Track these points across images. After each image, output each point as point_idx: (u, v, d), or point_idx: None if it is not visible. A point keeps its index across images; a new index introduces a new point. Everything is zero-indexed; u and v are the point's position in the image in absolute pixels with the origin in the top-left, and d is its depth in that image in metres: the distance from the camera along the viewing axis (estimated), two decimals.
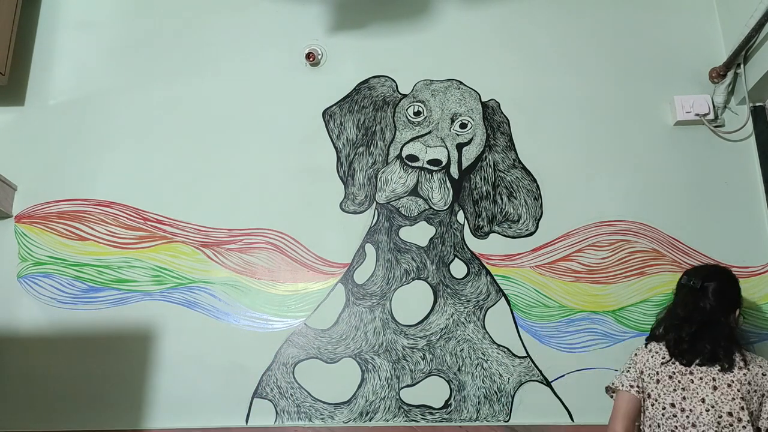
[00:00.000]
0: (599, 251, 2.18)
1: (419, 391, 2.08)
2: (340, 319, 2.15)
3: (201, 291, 2.20)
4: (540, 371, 2.07)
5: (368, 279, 2.19)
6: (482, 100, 2.37)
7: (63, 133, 2.41)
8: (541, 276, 2.16)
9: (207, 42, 2.49)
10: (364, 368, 2.10)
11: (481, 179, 2.28)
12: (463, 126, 2.34)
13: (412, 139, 2.32)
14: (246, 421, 2.08)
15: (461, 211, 2.25)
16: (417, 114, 2.35)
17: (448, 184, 2.27)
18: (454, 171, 2.29)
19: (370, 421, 2.06)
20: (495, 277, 2.17)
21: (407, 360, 2.10)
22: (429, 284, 2.17)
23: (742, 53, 2.17)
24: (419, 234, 2.22)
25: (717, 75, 2.26)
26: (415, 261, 2.20)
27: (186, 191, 2.31)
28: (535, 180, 2.27)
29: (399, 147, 2.32)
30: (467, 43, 2.44)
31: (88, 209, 2.31)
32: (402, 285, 2.18)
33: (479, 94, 2.37)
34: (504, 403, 2.05)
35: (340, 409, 2.07)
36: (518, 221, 2.23)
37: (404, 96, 2.39)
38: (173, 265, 2.23)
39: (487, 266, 2.18)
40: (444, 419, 2.04)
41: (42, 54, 2.51)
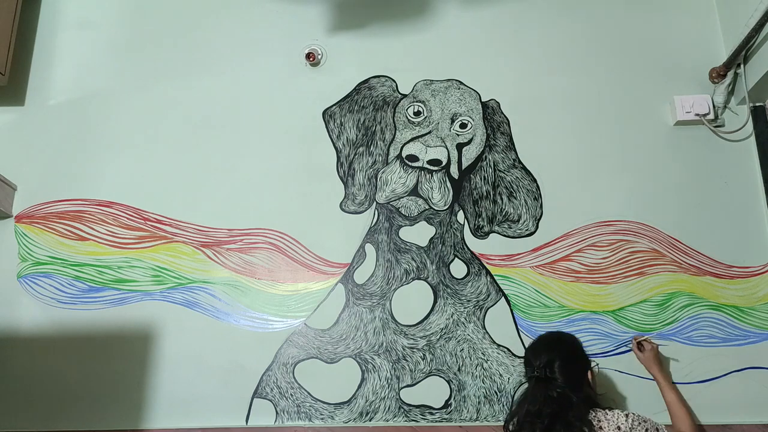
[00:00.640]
0: (599, 251, 2.18)
1: (419, 391, 2.08)
2: (340, 319, 2.15)
3: (201, 291, 2.20)
4: None
5: (368, 279, 2.19)
6: (482, 100, 2.37)
7: (63, 133, 2.41)
8: (541, 276, 2.16)
9: (207, 42, 2.49)
10: (364, 368, 2.10)
11: (481, 179, 2.28)
12: (463, 126, 2.34)
13: (412, 139, 2.32)
14: (246, 421, 2.08)
15: (461, 211, 2.25)
16: (417, 114, 2.35)
17: (448, 184, 2.27)
18: (454, 171, 2.29)
19: (370, 421, 2.06)
20: (495, 277, 2.17)
21: (407, 360, 2.10)
22: (429, 284, 2.17)
23: (742, 53, 2.17)
24: (419, 234, 2.23)
25: (717, 75, 2.26)
26: (415, 261, 2.20)
27: (186, 191, 2.31)
28: (535, 180, 2.27)
29: (399, 147, 2.32)
30: (467, 43, 2.44)
31: (88, 209, 2.31)
32: (402, 285, 2.18)
33: (479, 94, 2.37)
34: (504, 403, 2.04)
35: (340, 409, 2.07)
36: (518, 221, 2.23)
37: (404, 96, 2.39)
38: (173, 265, 2.23)
39: (487, 266, 2.18)
40: (444, 419, 2.04)
41: (42, 54, 2.51)
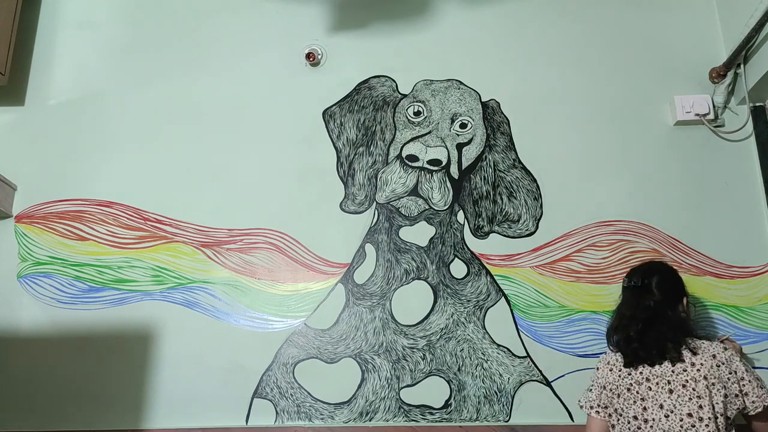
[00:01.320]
0: (599, 251, 2.18)
1: (419, 391, 2.08)
2: (340, 319, 2.15)
3: (201, 291, 2.20)
4: (540, 371, 2.07)
5: (368, 279, 2.19)
6: (482, 100, 2.37)
7: (63, 133, 2.41)
8: (541, 276, 2.16)
9: (207, 42, 2.49)
10: (364, 368, 2.10)
11: (481, 179, 2.28)
12: (463, 126, 2.33)
13: (412, 139, 2.32)
14: (246, 421, 2.08)
15: (461, 211, 2.25)
16: (417, 114, 2.35)
17: (448, 184, 2.27)
18: (454, 171, 2.29)
19: (370, 421, 2.06)
20: (495, 277, 2.17)
21: (407, 360, 2.10)
22: (429, 284, 2.17)
23: (742, 53, 2.17)
24: (419, 234, 2.22)
25: (717, 75, 2.26)
26: (415, 261, 2.20)
27: (186, 191, 2.31)
28: (535, 180, 2.27)
29: (399, 147, 2.32)
30: (467, 43, 2.44)
31: (88, 209, 2.31)
32: (402, 285, 2.18)
33: (479, 94, 2.37)
34: (504, 403, 2.05)
35: (340, 409, 2.07)
36: (518, 221, 2.23)
37: (404, 96, 2.39)
38: (173, 265, 2.23)
39: (487, 266, 2.18)
40: (444, 419, 2.04)
41: (42, 54, 2.51)
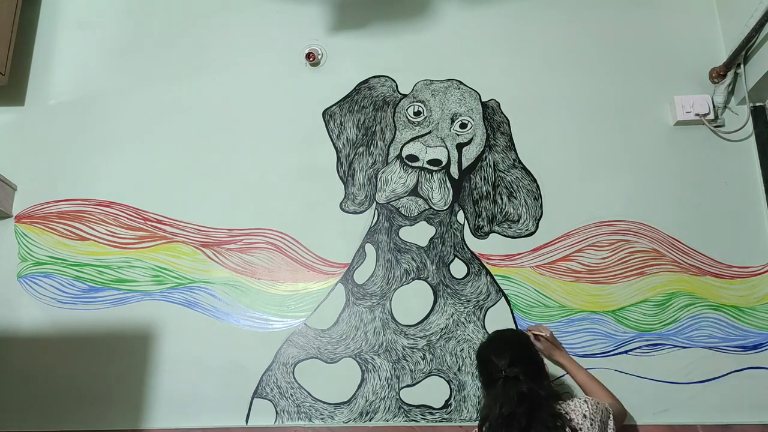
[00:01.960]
0: (599, 251, 2.18)
1: (419, 391, 2.08)
2: (340, 319, 2.15)
3: (201, 291, 2.20)
4: None
5: (368, 279, 2.19)
6: (482, 100, 2.37)
7: (63, 133, 2.41)
8: (541, 276, 2.16)
9: (207, 42, 2.49)
10: (364, 368, 2.10)
11: (481, 179, 2.28)
12: (463, 126, 2.33)
13: (412, 139, 2.32)
14: (246, 421, 2.08)
15: (461, 211, 2.25)
16: (417, 114, 2.35)
17: (448, 184, 2.27)
18: (454, 171, 2.29)
19: (370, 421, 2.06)
20: (495, 277, 2.17)
21: (407, 360, 2.10)
22: (429, 284, 2.17)
23: (742, 53, 2.17)
24: (419, 234, 2.22)
25: (717, 75, 2.26)
26: (415, 261, 2.20)
27: (186, 191, 2.31)
28: (535, 180, 2.27)
29: (399, 147, 2.32)
30: (467, 43, 2.44)
31: (88, 209, 2.31)
32: (402, 285, 2.18)
33: (479, 94, 2.37)
34: None
35: (340, 409, 2.07)
36: (518, 221, 2.23)
37: (404, 96, 2.39)
38: (173, 265, 2.23)
39: (487, 266, 2.18)
40: (444, 419, 2.04)
41: (42, 54, 2.51)
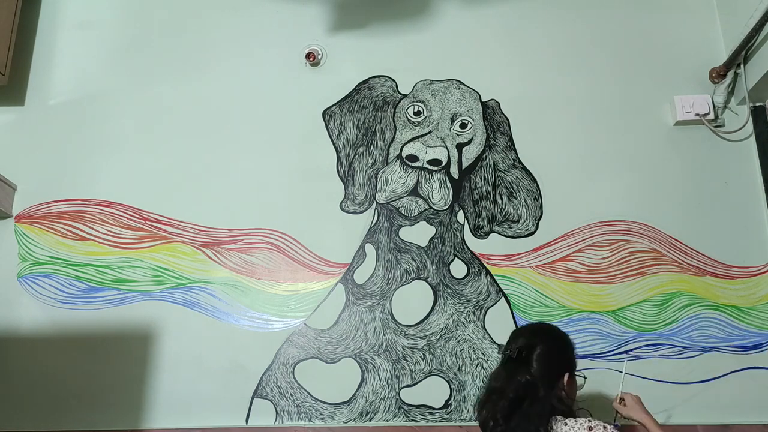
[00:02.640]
0: (599, 251, 2.18)
1: (419, 391, 2.08)
2: (340, 319, 2.15)
3: (201, 291, 2.20)
4: None
5: (368, 279, 2.19)
6: (482, 100, 2.36)
7: (63, 133, 2.40)
8: (541, 276, 2.16)
9: (207, 42, 2.49)
10: (364, 368, 2.10)
11: (481, 179, 2.28)
12: (463, 126, 2.33)
13: (412, 139, 2.32)
14: (246, 421, 2.08)
15: (461, 211, 2.25)
16: (417, 114, 2.35)
17: (448, 184, 2.27)
18: (454, 171, 2.29)
19: (370, 421, 2.06)
20: (495, 277, 2.17)
21: (407, 360, 2.10)
22: (429, 284, 2.17)
23: (742, 53, 2.17)
24: (419, 234, 2.22)
25: (717, 75, 2.26)
26: (415, 261, 2.20)
27: (186, 191, 2.31)
28: (535, 180, 2.27)
29: (399, 147, 2.32)
30: (467, 43, 2.44)
31: (88, 209, 2.31)
32: (402, 285, 2.18)
33: (479, 94, 2.37)
34: None
35: (340, 409, 2.07)
36: (518, 221, 2.23)
37: (404, 96, 2.39)
38: (173, 265, 2.23)
39: (487, 266, 2.18)
40: (444, 419, 2.04)
41: (42, 54, 2.51)
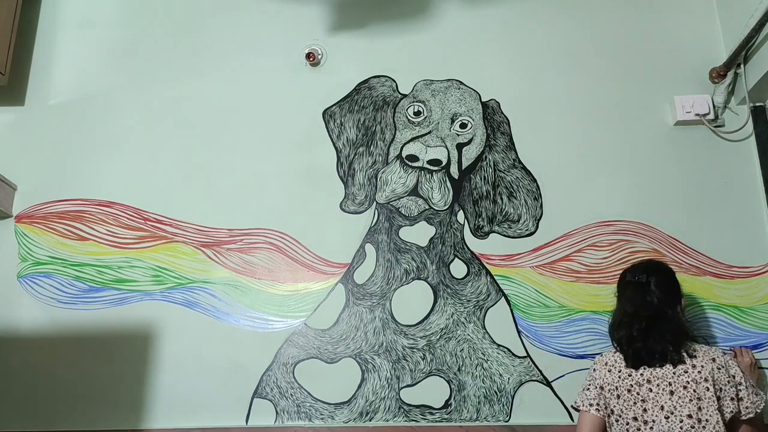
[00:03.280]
0: (599, 251, 2.18)
1: (419, 391, 2.08)
2: (340, 319, 2.15)
3: (201, 291, 2.20)
4: (540, 371, 2.07)
5: (368, 279, 2.19)
6: (482, 100, 2.37)
7: (63, 133, 2.40)
8: (541, 276, 2.16)
9: (207, 42, 2.49)
10: (364, 368, 2.10)
11: (481, 179, 2.28)
12: (463, 126, 2.34)
13: (412, 139, 2.32)
14: (246, 421, 2.08)
15: (461, 211, 2.25)
16: (417, 114, 2.35)
17: (448, 184, 2.27)
18: (454, 171, 2.29)
19: (370, 421, 2.06)
20: (495, 277, 2.17)
21: (407, 360, 2.10)
22: (429, 284, 2.17)
23: (742, 53, 2.17)
24: (419, 234, 2.22)
25: (717, 75, 2.26)
26: (415, 261, 2.20)
27: (186, 191, 2.31)
28: (535, 180, 2.27)
29: (399, 147, 2.32)
30: (467, 43, 2.44)
31: (88, 209, 2.31)
32: (402, 285, 2.18)
33: (479, 94, 2.37)
34: (504, 403, 2.05)
35: (340, 409, 2.07)
36: (518, 221, 2.23)
37: (404, 96, 2.39)
38: (173, 265, 2.23)
39: (487, 266, 2.18)
40: (444, 419, 2.04)
41: (42, 54, 2.51)
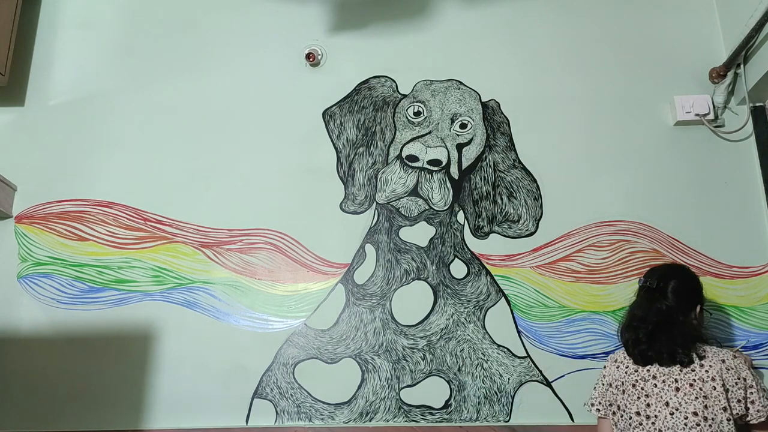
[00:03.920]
0: (599, 251, 2.18)
1: (419, 392, 2.08)
2: (340, 320, 2.15)
3: (201, 291, 2.20)
4: (540, 371, 2.07)
5: (368, 279, 2.19)
6: (482, 101, 2.36)
7: (63, 134, 2.41)
8: (541, 276, 2.16)
9: (207, 42, 2.49)
10: (364, 368, 2.10)
11: (481, 179, 2.28)
12: (463, 126, 2.33)
13: (412, 140, 2.32)
14: (246, 422, 2.08)
15: (461, 212, 2.25)
16: (417, 114, 2.35)
17: (448, 185, 2.27)
18: (454, 171, 2.29)
19: (370, 422, 2.06)
20: (495, 278, 2.17)
21: (407, 360, 2.10)
22: (429, 284, 2.17)
23: (742, 53, 2.17)
24: (419, 234, 2.22)
25: (717, 75, 2.26)
26: (415, 261, 2.20)
27: (186, 191, 2.31)
28: (535, 180, 2.27)
29: (399, 147, 2.32)
30: (467, 43, 2.44)
31: (88, 209, 2.31)
32: (402, 285, 2.18)
33: (479, 94, 2.37)
34: (504, 404, 2.05)
35: (340, 410, 2.07)
36: (518, 221, 2.23)
37: (404, 96, 2.39)
38: (173, 266, 2.23)
39: (487, 266, 2.18)
40: (444, 419, 2.04)
41: (42, 54, 2.51)
